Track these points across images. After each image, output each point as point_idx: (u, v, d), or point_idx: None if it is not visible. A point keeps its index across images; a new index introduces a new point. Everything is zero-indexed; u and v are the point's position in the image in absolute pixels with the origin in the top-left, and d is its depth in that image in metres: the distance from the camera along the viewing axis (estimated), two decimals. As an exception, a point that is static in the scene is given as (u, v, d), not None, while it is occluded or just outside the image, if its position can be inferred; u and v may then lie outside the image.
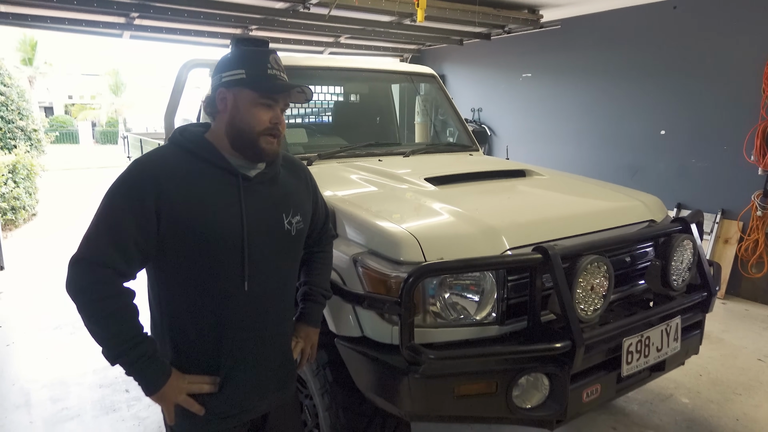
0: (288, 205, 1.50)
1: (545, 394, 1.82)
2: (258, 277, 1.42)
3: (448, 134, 4.00)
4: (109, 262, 1.30)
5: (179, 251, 1.35)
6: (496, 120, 7.46)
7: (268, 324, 1.48)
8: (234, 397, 1.45)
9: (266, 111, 1.38)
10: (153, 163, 1.37)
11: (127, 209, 1.30)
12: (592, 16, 6.00)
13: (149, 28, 5.95)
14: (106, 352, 1.31)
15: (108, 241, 1.30)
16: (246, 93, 1.37)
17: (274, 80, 1.37)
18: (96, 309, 1.30)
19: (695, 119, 5.23)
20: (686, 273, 2.19)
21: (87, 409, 3.16)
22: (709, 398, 3.28)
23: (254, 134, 1.38)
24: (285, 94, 1.42)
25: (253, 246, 1.39)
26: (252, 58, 1.38)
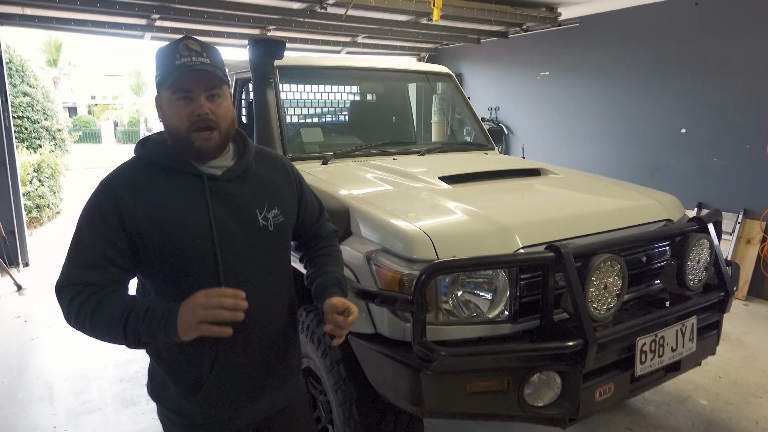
0: (262, 199, 1.41)
1: (557, 392, 1.82)
2: (236, 279, 1.34)
3: (465, 133, 4.00)
4: (84, 281, 1.26)
5: (151, 261, 1.31)
6: (514, 119, 7.42)
7: (254, 327, 1.39)
8: (223, 402, 1.40)
9: (185, 105, 1.28)
10: (111, 179, 1.34)
11: (92, 230, 1.28)
12: (612, 14, 5.94)
13: (169, 30, 6.04)
14: (121, 339, 1.23)
15: (79, 264, 1.28)
16: (164, 94, 1.31)
17: (181, 70, 1.26)
18: (84, 317, 1.24)
19: (716, 117, 5.15)
20: (703, 273, 2.17)
21: (108, 402, 3.24)
22: (728, 400, 3.24)
23: (183, 134, 1.29)
24: (201, 79, 1.28)
25: (225, 248, 1.33)
26: (163, 54, 1.30)
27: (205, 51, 1.30)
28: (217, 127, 1.31)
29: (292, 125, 3.20)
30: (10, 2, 4.99)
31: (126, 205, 1.28)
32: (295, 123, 3.28)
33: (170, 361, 1.39)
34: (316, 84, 3.32)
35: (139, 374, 3.56)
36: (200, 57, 1.28)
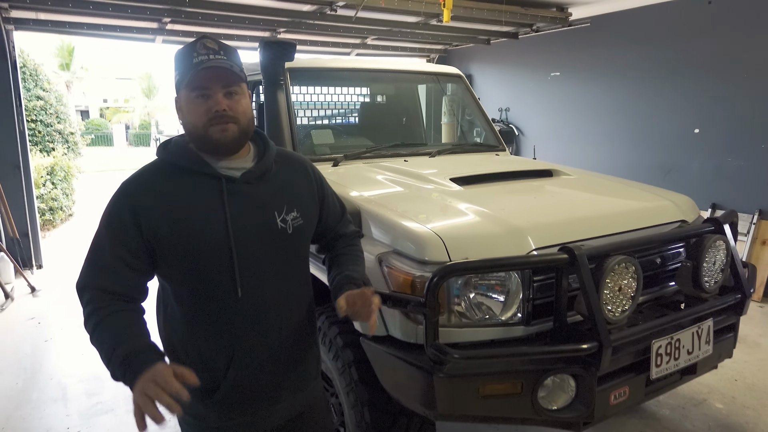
0: (281, 201, 1.40)
1: (571, 395, 1.80)
2: (252, 281, 1.35)
3: (475, 134, 3.98)
4: (100, 285, 1.28)
5: (168, 263, 1.32)
6: (524, 120, 7.38)
7: (270, 329, 1.40)
8: (241, 404, 1.40)
9: (203, 102, 1.29)
10: (131, 182, 1.35)
11: (110, 232, 1.30)
12: (623, 13, 5.89)
13: (180, 33, 6.09)
14: (107, 367, 1.22)
15: (96, 267, 1.30)
16: (182, 93, 1.32)
17: (198, 67, 1.27)
18: (88, 327, 1.26)
19: (731, 117, 5.08)
20: (719, 274, 2.14)
21: (120, 403, 3.26)
22: (745, 404, 3.19)
23: (201, 130, 1.30)
24: (219, 76, 1.29)
25: (242, 250, 1.32)
26: (181, 54, 1.32)
27: (222, 50, 1.31)
28: (236, 122, 1.31)
29: (302, 127, 3.20)
30: (24, 7, 5.06)
31: (143, 207, 1.29)
32: (306, 125, 3.28)
33: (187, 364, 1.38)
34: (327, 86, 3.32)
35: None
36: (217, 55, 1.29)
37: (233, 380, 1.37)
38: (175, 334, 1.41)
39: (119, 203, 1.32)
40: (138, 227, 1.28)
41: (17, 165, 5.71)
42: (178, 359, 1.41)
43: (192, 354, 1.38)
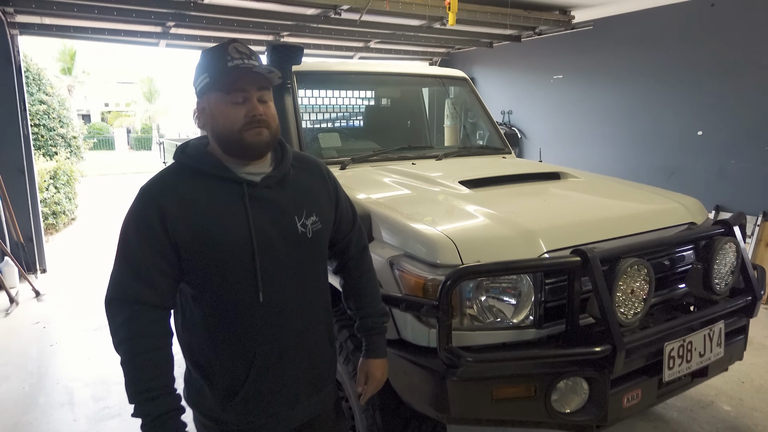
0: (301, 206, 1.41)
1: (584, 398, 1.79)
2: (274, 286, 1.35)
3: (477, 137, 3.98)
4: (137, 297, 1.27)
5: (192, 267, 1.31)
6: (527, 122, 7.39)
7: (290, 333, 1.40)
8: (258, 408, 1.40)
9: (239, 107, 1.30)
10: (152, 186, 1.34)
11: (139, 239, 1.28)
12: (626, 16, 5.90)
13: (184, 37, 6.11)
14: (128, 398, 1.26)
15: (131, 276, 1.28)
16: (214, 96, 1.31)
17: (235, 71, 1.28)
18: (125, 348, 1.26)
19: (734, 119, 5.09)
20: (729, 277, 2.14)
21: (127, 408, 3.21)
22: (753, 406, 3.18)
23: (236, 134, 1.30)
24: (253, 81, 1.30)
25: (264, 254, 1.33)
26: (211, 57, 1.32)
27: (252, 55, 1.32)
28: (268, 126, 1.33)
29: (309, 130, 3.21)
30: (29, 12, 5.08)
31: (168, 212, 1.28)
32: (313, 128, 3.28)
33: (206, 368, 1.39)
34: (334, 89, 3.33)
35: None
36: (250, 60, 1.31)
37: (253, 384, 1.37)
38: (194, 338, 1.41)
39: (145, 207, 1.30)
40: (165, 232, 1.28)
41: (22, 169, 5.71)
42: (196, 363, 1.41)
43: (211, 358, 1.38)
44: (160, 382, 1.26)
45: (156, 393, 1.24)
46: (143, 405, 1.24)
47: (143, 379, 1.24)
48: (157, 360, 1.27)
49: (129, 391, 1.25)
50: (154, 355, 1.27)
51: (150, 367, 1.26)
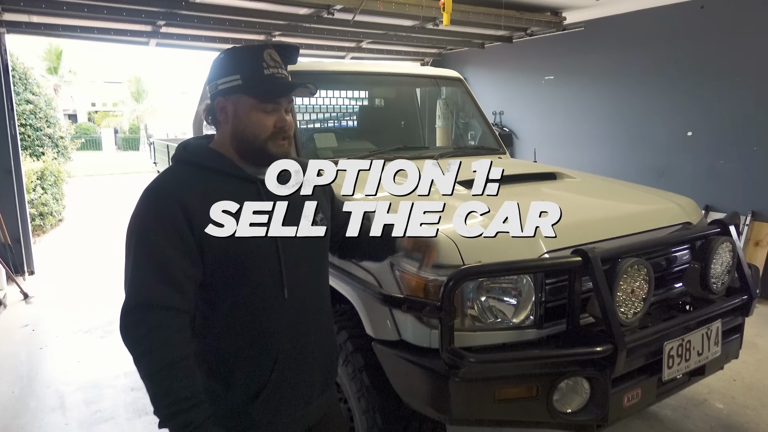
0: (310, 204, 1.43)
1: (586, 398, 1.80)
2: (296, 283, 1.37)
3: (469, 137, 3.99)
4: (164, 303, 1.21)
5: (215, 268, 1.29)
6: (518, 123, 7.42)
7: (309, 329, 1.43)
8: (280, 405, 1.39)
9: (269, 116, 1.30)
10: (169, 183, 1.30)
11: (162, 238, 1.22)
12: (617, 18, 5.95)
13: (175, 36, 6.05)
14: (155, 411, 1.19)
15: (157, 280, 1.21)
16: (245, 100, 1.29)
17: (272, 81, 1.28)
18: (152, 360, 1.18)
19: (723, 120, 5.15)
20: (725, 276, 2.15)
21: (120, 411, 3.21)
22: (745, 404, 3.21)
23: (261, 141, 1.31)
24: (287, 91, 1.33)
25: (287, 250, 1.34)
26: (246, 59, 1.29)
27: (283, 63, 1.33)
28: (289, 138, 1.37)
29: (304, 130, 3.19)
30: (17, 10, 5.00)
31: (194, 210, 1.24)
32: (308, 128, 3.27)
33: (224, 374, 1.36)
34: (329, 89, 3.32)
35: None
36: (283, 70, 1.33)
37: (276, 382, 1.38)
38: (208, 344, 1.36)
39: (168, 206, 1.24)
40: (191, 231, 1.24)
41: (9, 170, 5.63)
42: (210, 370, 1.36)
43: (230, 362, 1.36)
44: (194, 391, 1.20)
45: (192, 402, 1.19)
46: (181, 415, 1.17)
47: (177, 390, 1.18)
48: (190, 368, 1.21)
49: (161, 402, 1.18)
50: (187, 363, 1.21)
51: (183, 376, 1.19)
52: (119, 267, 4.37)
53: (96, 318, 4.70)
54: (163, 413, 1.18)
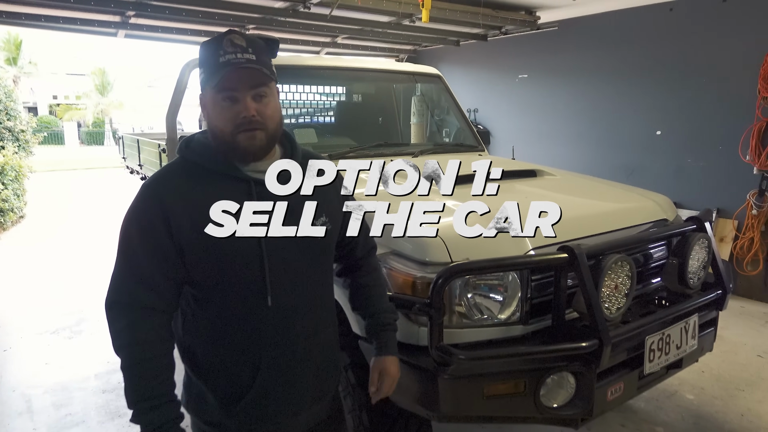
0: (310, 205, 1.33)
1: (571, 392, 1.82)
2: (283, 289, 1.30)
3: (444, 135, 4.00)
4: (138, 302, 1.22)
5: (197, 269, 1.26)
6: (493, 121, 7.49)
7: (298, 339, 1.35)
8: (263, 413, 1.35)
9: (230, 106, 1.22)
10: (156, 183, 1.28)
11: (141, 240, 1.23)
12: (589, 18, 6.05)
13: (145, 27, 5.88)
14: (127, 404, 1.23)
15: (133, 280, 1.23)
16: (208, 93, 1.25)
17: (224, 68, 1.19)
18: (126, 354, 1.22)
19: (691, 120, 5.30)
20: (702, 271, 2.22)
21: (92, 414, 3.11)
22: (714, 395, 3.32)
23: (228, 136, 1.24)
24: (247, 77, 1.21)
25: (273, 255, 1.27)
26: (206, 50, 1.24)
27: (250, 46, 1.23)
28: (264, 128, 1.26)
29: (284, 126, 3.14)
30: (-24, -2, 4.77)
31: (173, 212, 1.22)
32: (288, 123, 3.22)
33: (209, 374, 1.34)
34: (309, 84, 3.27)
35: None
36: (245, 53, 1.21)
37: (259, 390, 1.32)
38: (197, 342, 1.35)
39: (149, 206, 1.24)
40: (170, 234, 1.22)
41: (-33, 164, 5.38)
42: (198, 368, 1.35)
43: (215, 363, 1.33)
44: (160, 390, 1.23)
45: (157, 402, 1.21)
46: (144, 414, 1.21)
47: (144, 387, 1.22)
48: (158, 368, 1.24)
49: (129, 397, 1.23)
50: (155, 363, 1.23)
51: (151, 375, 1.22)
52: (84, 265, 4.29)
53: (63, 318, 4.54)
54: (132, 408, 1.23)
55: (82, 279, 5.69)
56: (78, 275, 5.83)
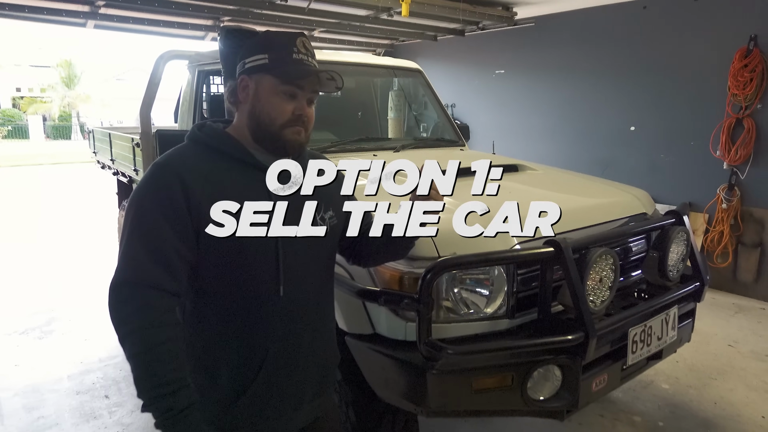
0: (319, 200, 1.33)
1: (557, 385, 1.84)
2: (294, 280, 1.31)
3: (422, 129, 4.00)
4: (154, 282, 1.18)
5: (211, 254, 1.24)
6: (470, 116, 7.52)
7: (305, 331, 1.36)
8: (266, 407, 1.34)
9: (289, 101, 1.27)
10: (174, 160, 1.26)
11: (159, 215, 1.19)
12: (566, 14, 6.12)
13: (115, 18, 5.71)
14: (139, 393, 1.17)
15: (148, 258, 1.18)
16: (267, 80, 1.27)
17: (298, 65, 1.26)
18: (138, 340, 1.16)
19: (664, 116, 5.42)
20: (680, 264, 2.26)
21: (65, 417, 3.02)
22: (688, 384, 3.41)
23: (276, 126, 1.27)
24: (312, 82, 1.29)
25: (287, 243, 1.28)
26: (275, 41, 1.28)
27: (314, 55, 1.31)
28: (307, 129, 1.32)
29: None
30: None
31: (194, 190, 1.20)
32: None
33: (211, 367, 1.31)
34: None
35: (98, 385, 3.34)
36: (313, 59, 1.30)
37: (263, 381, 1.31)
38: (199, 333, 1.32)
39: (168, 183, 1.19)
40: (189, 212, 1.19)
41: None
42: (199, 361, 1.32)
43: (219, 356, 1.31)
44: (180, 374, 1.17)
45: (177, 386, 1.16)
46: (164, 399, 1.14)
47: (162, 372, 1.15)
48: (174, 351, 1.18)
49: (144, 384, 1.15)
50: (171, 346, 1.17)
51: (169, 358, 1.16)
52: (53, 262, 4.15)
53: (32, 318, 4.39)
54: (145, 396, 1.15)
55: (52, 277, 5.52)
56: (47, 273, 5.65)
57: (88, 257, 6.29)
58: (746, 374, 3.52)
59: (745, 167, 4.86)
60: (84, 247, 6.77)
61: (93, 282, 5.29)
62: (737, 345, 3.98)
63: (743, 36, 4.71)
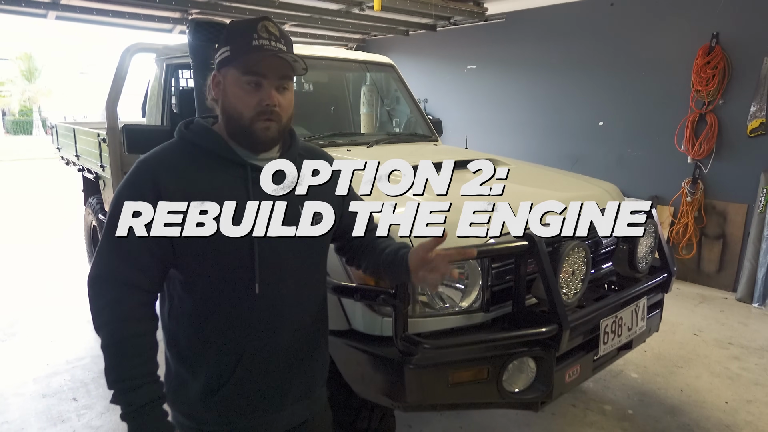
0: (306, 198, 1.29)
1: (532, 377, 1.87)
2: (272, 278, 1.27)
3: (394, 125, 4.00)
4: (125, 278, 1.19)
5: (186, 251, 1.22)
6: (442, 111, 7.55)
7: (283, 331, 1.32)
8: (241, 407, 1.31)
9: (254, 91, 1.21)
10: (152, 158, 1.24)
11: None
12: (536, 10, 6.19)
13: (78, 9, 5.52)
14: (107, 384, 1.19)
15: (119, 255, 1.19)
16: (230, 72, 1.22)
17: (257, 52, 1.18)
18: (108, 332, 1.18)
19: (631, 111, 5.54)
20: (649, 256, 2.32)
21: (31, 421, 2.92)
22: (655, 372, 3.51)
23: (245, 120, 1.22)
24: (275, 66, 1.21)
25: (264, 244, 1.24)
26: (237, 30, 1.22)
27: (282, 37, 1.22)
28: (278, 120, 1.24)
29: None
30: None
31: (166, 188, 1.18)
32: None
33: (192, 361, 1.29)
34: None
35: (65, 387, 3.24)
36: (278, 42, 1.20)
37: (238, 382, 1.28)
38: (181, 328, 1.30)
39: (141, 181, 1.19)
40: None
41: None
42: (180, 355, 1.31)
43: (198, 350, 1.29)
44: (143, 370, 1.19)
45: (139, 381, 1.18)
46: (125, 393, 1.17)
47: (126, 366, 1.18)
48: (141, 346, 1.20)
49: (110, 376, 1.18)
50: (138, 341, 1.19)
51: (133, 353, 1.18)
52: (14, 262, 4.00)
53: (-6, 320, 4.24)
54: (112, 387, 1.19)
55: (13, 277, 5.33)
56: (7, 273, 5.45)
57: (52, 256, 6.09)
58: (710, 362, 3.64)
59: (708, 161, 5.01)
60: (48, 246, 6.56)
61: (58, 282, 5.13)
62: (701, 333, 4.11)
63: (706, 33, 4.85)
